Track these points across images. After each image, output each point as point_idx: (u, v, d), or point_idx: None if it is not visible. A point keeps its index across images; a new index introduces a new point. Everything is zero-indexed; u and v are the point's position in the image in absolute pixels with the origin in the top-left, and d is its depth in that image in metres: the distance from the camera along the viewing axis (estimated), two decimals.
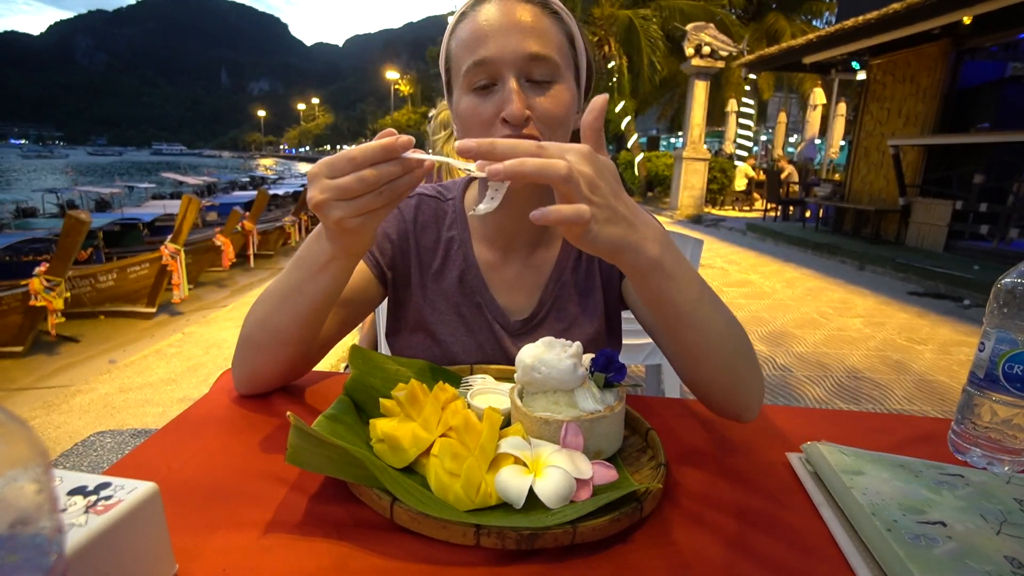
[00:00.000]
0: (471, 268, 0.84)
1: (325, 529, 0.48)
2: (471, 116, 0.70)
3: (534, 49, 0.67)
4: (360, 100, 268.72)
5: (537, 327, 0.84)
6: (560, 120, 0.70)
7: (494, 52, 0.67)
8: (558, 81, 0.70)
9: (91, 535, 0.35)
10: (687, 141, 11.69)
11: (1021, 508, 0.51)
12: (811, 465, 0.60)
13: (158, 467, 0.56)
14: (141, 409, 2.82)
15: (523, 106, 0.66)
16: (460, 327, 0.84)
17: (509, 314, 0.84)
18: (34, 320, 5.23)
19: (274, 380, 0.72)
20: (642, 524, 0.51)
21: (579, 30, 0.75)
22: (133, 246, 9.39)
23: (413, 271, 0.85)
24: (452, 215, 0.86)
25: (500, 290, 0.84)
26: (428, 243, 0.85)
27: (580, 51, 0.75)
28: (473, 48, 0.68)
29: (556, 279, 0.85)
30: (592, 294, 0.86)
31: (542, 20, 0.69)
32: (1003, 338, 0.61)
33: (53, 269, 5.04)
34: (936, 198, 7.09)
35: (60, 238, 5.16)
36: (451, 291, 0.84)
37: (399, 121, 55.00)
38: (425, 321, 0.84)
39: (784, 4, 17.48)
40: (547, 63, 0.68)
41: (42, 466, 0.23)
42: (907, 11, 6.02)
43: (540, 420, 0.57)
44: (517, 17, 0.67)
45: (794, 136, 20.75)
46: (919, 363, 3.55)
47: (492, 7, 0.68)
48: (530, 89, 0.69)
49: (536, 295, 0.84)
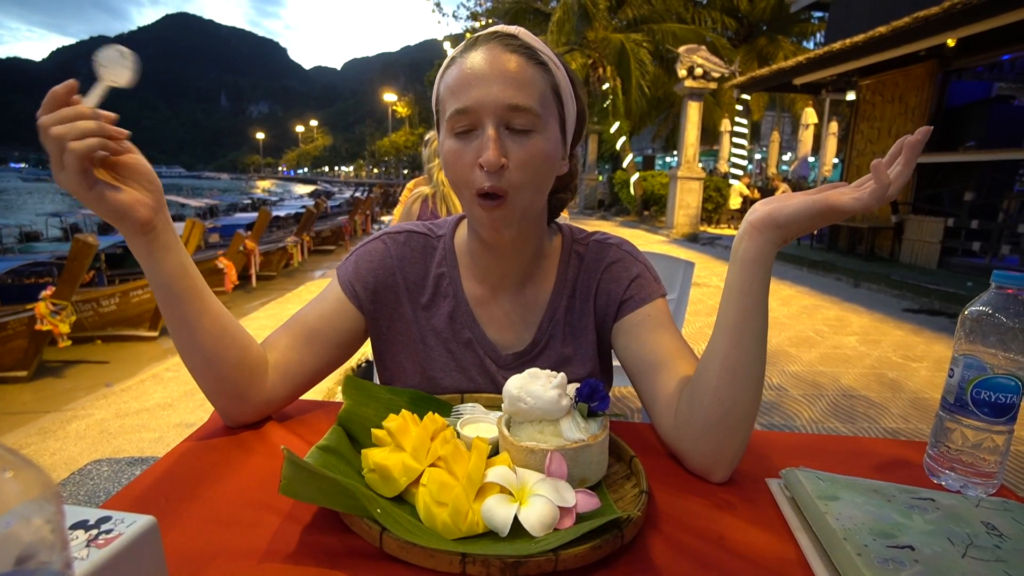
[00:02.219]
0: (461, 304, 0.85)
1: (318, 558, 0.50)
2: (454, 160, 0.72)
3: (514, 100, 0.69)
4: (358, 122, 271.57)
5: (530, 363, 0.84)
6: (535, 169, 0.72)
7: (475, 100, 0.69)
8: (538, 131, 0.71)
9: (92, 568, 0.37)
10: (682, 160, 11.83)
11: (988, 531, 0.53)
12: (789, 491, 0.62)
13: (156, 499, 0.58)
14: (137, 435, 2.81)
15: (499, 154, 0.68)
16: (450, 363, 0.85)
17: (500, 349, 0.85)
18: (39, 344, 5.20)
19: (237, 410, 0.74)
20: (624, 551, 0.53)
21: (567, 78, 0.76)
22: (135, 268, 9.42)
23: (404, 305, 0.86)
24: (442, 252, 0.87)
25: (491, 326, 0.85)
26: (416, 278, 0.86)
27: (567, 100, 0.76)
28: (457, 95, 0.70)
29: (550, 318, 0.85)
30: (585, 335, 0.86)
31: (526, 71, 0.70)
32: (971, 364, 0.63)
33: (59, 293, 5.04)
34: (928, 215, 7.17)
35: (67, 261, 5.15)
36: (441, 327, 0.85)
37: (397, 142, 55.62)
38: (416, 357, 0.85)
39: (774, 26, 17.83)
40: (526, 114, 0.69)
41: (53, 504, 0.25)
42: (893, 34, 6.17)
43: (526, 449, 0.59)
44: (501, 67, 0.69)
45: (787, 155, 21.02)
46: (914, 381, 3.57)
47: (479, 55, 0.70)
48: (509, 137, 0.70)
49: (529, 332, 0.85)
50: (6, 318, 5.13)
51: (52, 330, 4.97)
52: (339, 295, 0.83)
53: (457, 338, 0.85)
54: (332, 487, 0.50)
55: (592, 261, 0.86)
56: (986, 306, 0.63)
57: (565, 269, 0.86)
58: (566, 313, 0.86)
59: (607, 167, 21.17)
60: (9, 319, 5.12)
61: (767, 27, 17.93)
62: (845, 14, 8.99)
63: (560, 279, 0.86)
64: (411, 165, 56.11)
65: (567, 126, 0.78)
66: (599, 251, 0.87)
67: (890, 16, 6.25)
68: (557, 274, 0.86)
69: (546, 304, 0.86)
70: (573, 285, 0.86)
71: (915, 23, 5.80)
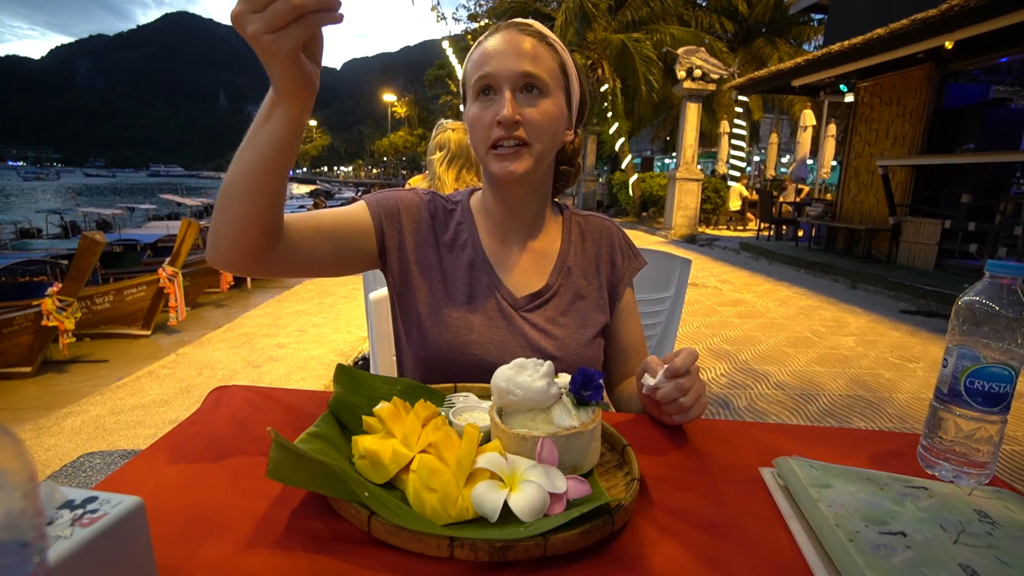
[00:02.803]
0: (479, 255, 0.95)
1: (305, 543, 0.49)
2: (476, 120, 0.86)
3: (527, 68, 0.83)
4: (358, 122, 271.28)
5: (545, 303, 0.95)
6: (544, 127, 0.85)
7: (495, 69, 0.83)
8: (547, 95, 0.85)
9: (76, 546, 0.37)
10: (680, 162, 11.85)
11: (980, 519, 0.53)
12: (782, 479, 0.62)
13: (145, 483, 0.58)
14: (133, 431, 2.80)
15: (513, 111, 0.82)
16: (468, 303, 0.92)
17: (516, 291, 0.94)
18: (44, 340, 5.22)
19: (233, 245, 0.73)
20: (615, 538, 0.52)
21: (573, 63, 0.91)
22: (130, 267, 9.41)
23: (430, 253, 0.94)
24: (460, 212, 0.99)
25: (505, 273, 0.95)
26: (439, 227, 0.97)
27: (572, 78, 0.91)
28: (480, 66, 0.85)
29: (559, 268, 0.98)
30: (595, 285, 1.00)
31: (538, 48, 0.85)
32: (964, 354, 0.63)
33: (66, 289, 5.04)
34: (925, 217, 7.19)
35: (75, 258, 5.17)
36: (461, 274, 0.94)
37: (396, 143, 55.51)
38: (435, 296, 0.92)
39: (773, 29, 17.86)
40: (537, 80, 0.84)
41: (27, 472, 0.25)
42: (890, 36, 6.18)
43: (517, 436, 0.58)
44: (517, 44, 0.84)
45: (786, 156, 21.05)
46: (911, 381, 3.57)
47: (499, 36, 0.86)
48: (523, 100, 0.84)
49: (542, 279, 0.96)
50: (12, 313, 5.14)
51: (58, 326, 4.98)
52: (365, 217, 0.90)
53: (476, 283, 0.94)
54: (319, 471, 0.50)
55: (593, 230, 1.04)
56: (980, 295, 0.63)
57: (569, 231, 1.02)
58: (575, 267, 0.99)
59: (605, 168, 21.18)
60: (15, 315, 5.13)
61: (765, 29, 17.96)
62: (843, 16, 9.01)
63: (566, 238, 1.01)
64: (410, 165, 56.05)
65: (572, 101, 0.92)
66: (596, 223, 1.05)
67: (888, 18, 6.26)
68: (563, 235, 1.01)
69: (555, 256, 0.99)
70: (580, 246, 1.01)
71: (912, 25, 5.81)
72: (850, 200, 8.86)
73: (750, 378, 3.57)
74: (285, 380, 3.32)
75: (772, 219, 10.91)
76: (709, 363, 3.84)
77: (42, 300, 4.99)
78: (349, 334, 4.57)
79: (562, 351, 0.91)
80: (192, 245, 6.64)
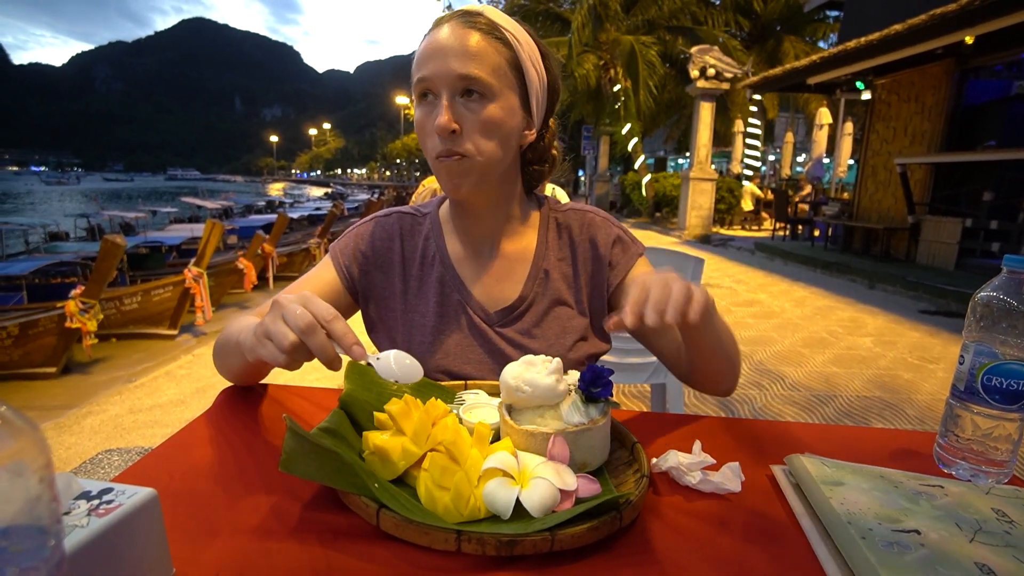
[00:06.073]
0: (448, 268, 0.90)
1: (315, 536, 0.50)
2: (420, 126, 0.80)
3: (466, 71, 0.74)
4: (370, 125, 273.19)
5: (520, 317, 0.89)
6: (487, 135, 0.77)
7: (432, 71, 0.75)
8: (491, 99, 0.76)
9: (92, 535, 0.38)
10: (694, 162, 11.75)
11: (997, 517, 0.52)
12: (794, 477, 0.61)
13: (160, 476, 0.59)
14: (150, 430, 2.85)
15: (449, 119, 0.75)
16: (441, 329, 0.88)
17: (488, 306, 0.89)
18: (68, 342, 5.32)
19: (236, 379, 0.84)
20: (623, 534, 0.52)
21: (535, 52, 0.82)
22: (155, 268, 9.59)
23: (396, 281, 0.90)
24: (428, 224, 0.93)
25: (476, 285, 0.90)
26: (407, 252, 0.92)
27: (528, 72, 0.80)
28: (419, 66, 0.77)
29: (535, 275, 0.90)
30: (575, 291, 0.91)
31: (483, 44, 0.76)
32: (981, 350, 0.62)
33: (88, 292, 5.13)
34: (945, 216, 7.05)
35: (96, 261, 5.25)
36: (432, 294, 0.89)
37: (409, 145, 55.69)
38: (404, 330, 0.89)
39: (788, 26, 17.66)
40: (478, 83, 0.75)
41: (44, 459, 0.26)
42: (909, 32, 6.07)
43: (526, 433, 0.59)
44: (458, 41, 0.75)
45: (802, 155, 20.80)
46: (931, 382, 3.50)
47: (442, 31, 0.77)
48: (464, 104, 0.76)
49: (516, 288, 0.90)
50: (37, 315, 5.25)
51: (81, 328, 5.07)
52: (332, 275, 0.89)
53: (447, 301, 0.89)
54: (331, 461, 0.50)
55: (573, 225, 0.93)
56: (997, 291, 0.62)
57: (546, 232, 0.93)
58: (552, 270, 0.91)
59: (618, 169, 21.09)
60: (40, 316, 5.24)
61: (780, 27, 17.77)
62: (859, 12, 8.87)
63: (542, 240, 0.92)
64: (423, 167, 56.21)
65: (530, 97, 0.82)
66: (577, 217, 0.94)
67: (906, 14, 6.15)
68: (539, 235, 0.92)
69: (530, 262, 0.91)
70: (557, 245, 0.92)
71: (931, 21, 5.70)
72: (867, 199, 8.73)
73: (766, 379, 3.53)
74: (300, 379, 3.33)
75: (787, 219, 10.79)
76: None
77: (65, 302, 5.09)
78: (364, 334, 4.60)
79: None
80: (216, 246, 6.74)
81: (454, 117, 0.75)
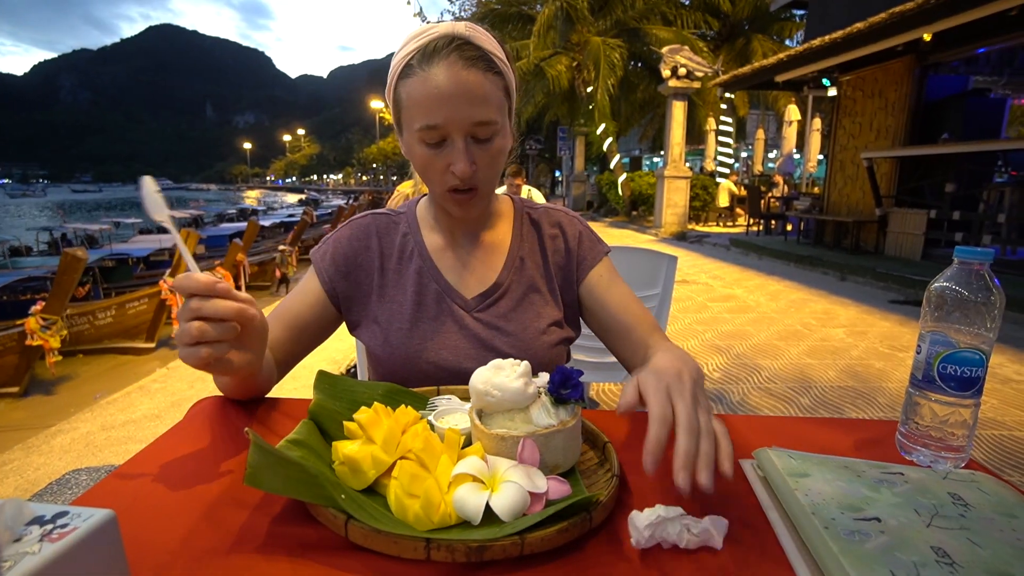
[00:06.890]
0: (426, 259, 0.93)
1: (285, 550, 0.49)
2: (426, 165, 0.81)
3: (479, 117, 0.77)
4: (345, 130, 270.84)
5: (496, 303, 0.92)
6: (497, 165, 0.83)
7: (444, 119, 0.76)
8: (498, 135, 0.81)
9: (43, 562, 0.36)
10: (668, 160, 11.90)
11: (954, 502, 0.53)
12: (761, 470, 0.62)
13: (123, 495, 0.57)
14: (123, 447, 2.77)
15: (469, 165, 0.78)
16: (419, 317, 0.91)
17: (465, 293, 0.92)
18: (30, 360, 5.16)
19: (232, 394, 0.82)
20: (595, 534, 0.53)
21: (511, 69, 0.84)
22: (121, 281, 9.36)
23: (374, 278, 0.93)
24: (406, 222, 0.96)
25: (453, 273, 0.93)
26: (385, 248, 0.95)
27: (513, 91, 0.84)
28: (426, 112, 0.76)
29: (510, 264, 0.94)
30: (547, 280, 0.96)
31: (485, 84, 0.77)
32: (937, 340, 0.64)
33: (49, 308, 4.98)
34: (911, 208, 7.26)
35: (56, 276, 5.10)
36: (410, 285, 0.92)
37: (385, 149, 55.36)
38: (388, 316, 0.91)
39: (756, 25, 17.99)
40: (491, 126, 0.78)
41: None
42: (870, 29, 6.24)
43: (496, 437, 0.59)
44: (464, 85, 0.75)
45: (773, 152, 21.18)
46: (901, 370, 3.60)
47: (442, 73, 0.75)
48: (475, 145, 0.79)
49: (492, 275, 0.93)
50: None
51: (43, 345, 4.92)
52: (316, 285, 0.92)
53: (425, 291, 0.92)
54: (297, 474, 0.49)
55: (543, 221, 0.99)
56: (950, 281, 0.64)
57: (520, 223, 0.98)
58: (527, 259, 0.96)
59: (594, 168, 21.24)
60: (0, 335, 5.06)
61: (749, 26, 18.10)
62: (823, 11, 9.09)
63: (516, 230, 0.97)
64: (400, 172, 55.94)
65: (513, 111, 0.86)
66: (548, 214, 1.00)
67: (867, 12, 6.33)
68: (513, 226, 0.97)
69: (506, 250, 0.95)
70: (531, 236, 0.97)
71: (891, 18, 5.87)
72: (837, 193, 8.93)
73: (743, 372, 3.59)
74: (277, 390, 3.29)
75: (761, 214, 10.99)
76: (702, 359, 3.86)
77: (25, 319, 4.93)
78: (341, 342, 4.55)
79: (516, 346, 0.89)
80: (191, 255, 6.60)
81: (471, 159, 0.78)
